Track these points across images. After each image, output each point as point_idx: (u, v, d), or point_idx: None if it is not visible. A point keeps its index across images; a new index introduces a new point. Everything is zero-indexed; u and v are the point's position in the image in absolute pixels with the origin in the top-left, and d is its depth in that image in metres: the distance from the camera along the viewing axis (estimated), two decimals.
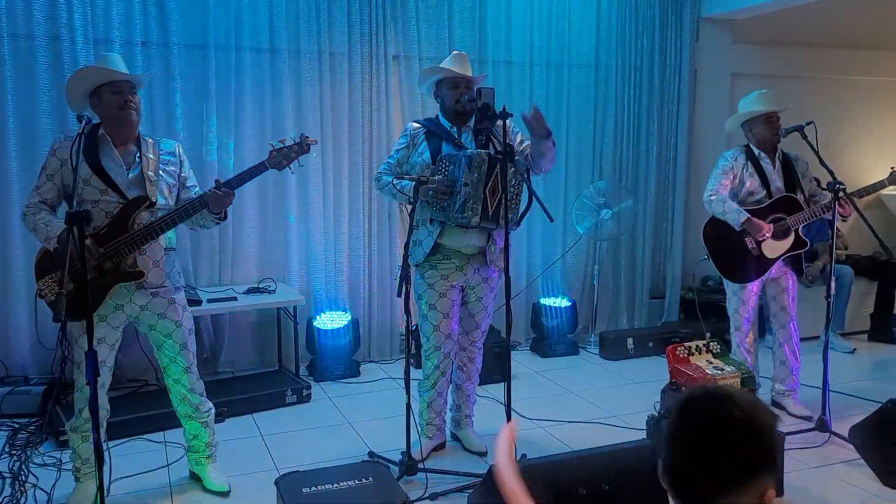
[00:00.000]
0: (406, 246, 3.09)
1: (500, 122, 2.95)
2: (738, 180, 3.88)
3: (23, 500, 3.04)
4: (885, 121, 6.69)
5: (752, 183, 3.87)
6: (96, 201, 2.76)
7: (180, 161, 3.02)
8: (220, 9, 4.45)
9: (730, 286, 3.99)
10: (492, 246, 3.28)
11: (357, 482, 2.64)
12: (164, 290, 2.93)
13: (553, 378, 4.73)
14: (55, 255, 2.70)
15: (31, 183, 2.96)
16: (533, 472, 2.52)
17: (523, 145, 3.36)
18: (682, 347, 3.22)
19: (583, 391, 4.46)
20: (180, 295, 3.01)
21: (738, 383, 3.06)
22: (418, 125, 3.40)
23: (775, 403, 3.99)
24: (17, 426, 3.75)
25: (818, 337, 5.39)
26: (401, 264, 3.05)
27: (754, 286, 3.92)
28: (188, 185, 3.02)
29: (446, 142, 3.30)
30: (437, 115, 3.42)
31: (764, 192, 3.86)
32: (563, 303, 5.26)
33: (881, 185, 3.71)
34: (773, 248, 3.82)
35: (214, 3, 4.43)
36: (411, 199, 3.10)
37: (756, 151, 3.91)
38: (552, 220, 3.14)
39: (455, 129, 3.33)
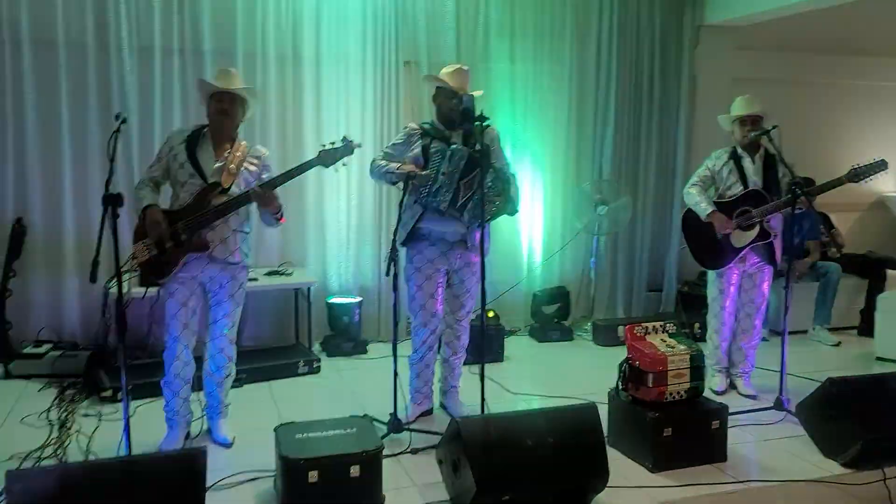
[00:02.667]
0: (395, 231, 3.54)
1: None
2: (717, 175, 4.26)
3: (68, 443, 3.58)
4: (884, 125, 6.89)
5: (731, 178, 4.23)
6: (184, 182, 3.34)
7: (263, 164, 3.52)
8: (247, 17, 4.96)
9: (710, 274, 4.36)
10: (471, 234, 3.70)
11: (342, 431, 3.09)
12: (230, 267, 3.43)
13: (544, 360, 5.14)
14: (145, 222, 3.29)
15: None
16: (489, 425, 2.94)
17: (494, 154, 3.73)
18: (640, 327, 3.57)
19: (569, 372, 4.86)
20: (243, 273, 3.52)
21: (688, 360, 3.42)
22: (416, 126, 3.83)
23: (730, 382, 4.41)
24: (65, 384, 4.32)
25: (806, 331, 5.71)
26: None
27: (734, 275, 4.26)
28: (265, 177, 3.48)
29: (439, 141, 3.73)
30: (433, 119, 3.85)
31: (741, 189, 4.21)
32: (559, 293, 5.63)
33: (839, 182, 4.00)
34: (740, 238, 4.17)
35: (242, 12, 4.94)
36: (394, 182, 3.54)
37: (739, 151, 4.26)
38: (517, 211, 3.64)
39: (448, 132, 3.75)
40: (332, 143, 3.45)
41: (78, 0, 4.63)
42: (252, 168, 3.47)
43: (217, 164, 3.38)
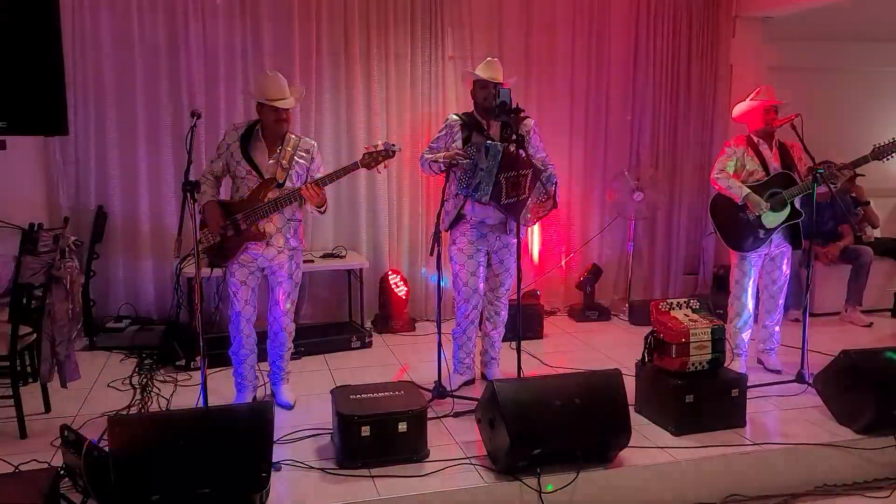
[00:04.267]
0: (438, 215, 3.88)
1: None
2: (740, 163, 4.46)
3: (150, 403, 4.04)
4: None
5: (752, 165, 4.43)
6: (243, 178, 3.74)
7: (311, 158, 3.87)
8: (304, 23, 5.36)
9: (734, 257, 4.57)
10: (510, 220, 4.00)
11: (391, 393, 3.46)
12: (286, 250, 3.82)
13: (581, 338, 5.44)
14: (206, 215, 3.71)
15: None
16: (521, 386, 3.27)
17: (539, 155, 4.05)
18: (664, 303, 3.84)
19: (604, 348, 5.15)
20: (298, 256, 3.91)
21: (709, 333, 3.67)
22: (456, 118, 4.15)
23: (758, 359, 4.65)
24: (144, 355, 4.80)
25: (839, 313, 5.87)
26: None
27: (755, 257, 4.47)
28: (317, 177, 3.83)
29: (477, 132, 4.05)
30: (473, 110, 4.18)
31: (763, 173, 4.41)
32: (598, 275, 5.90)
33: (864, 160, 4.15)
34: (772, 219, 4.36)
35: (299, 18, 5.34)
36: (442, 170, 3.86)
37: (755, 139, 4.46)
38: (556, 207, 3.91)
39: (485, 122, 4.07)
40: (375, 146, 3.75)
41: (151, 5, 5.09)
42: (302, 161, 3.81)
43: (270, 162, 3.75)
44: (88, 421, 3.71)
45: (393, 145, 3.75)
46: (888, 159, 4.17)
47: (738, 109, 4.53)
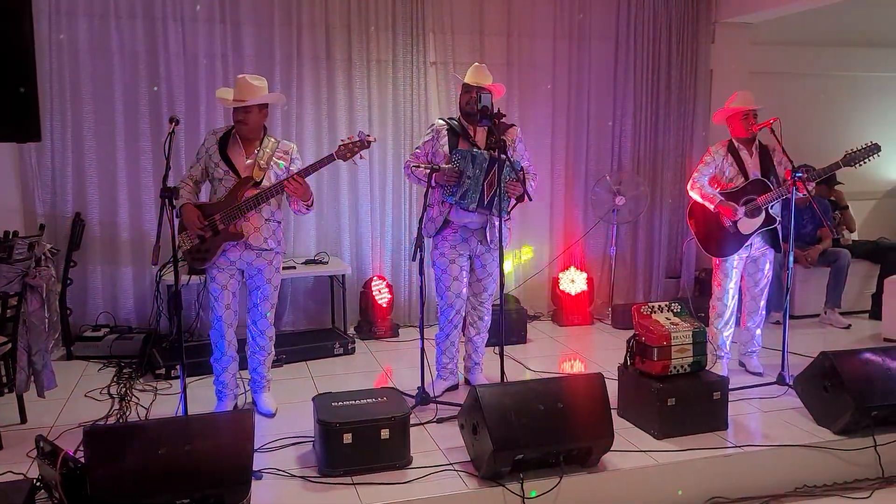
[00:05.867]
0: (420, 221, 3.87)
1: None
2: (718, 170, 4.50)
3: (128, 412, 3.99)
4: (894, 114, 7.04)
5: (731, 171, 4.47)
6: (221, 178, 3.72)
7: (291, 159, 3.86)
8: (285, 28, 5.33)
9: (715, 259, 4.61)
10: (491, 229, 4.00)
11: (374, 400, 3.45)
12: (265, 253, 3.80)
13: (564, 342, 5.44)
14: (183, 218, 3.68)
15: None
16: (504, 391, 3.26)
17: (523, 164, 4.05)
18: (646, 306, 3.85)
19: (587, 352, 5.16)
20: (277, 259, 3.88)
21: (690, 336, 3.69)
22: (443, 122, 4.14)
23: (740, 362, 4.68)
24: (123, 364, 4.74)
25: (819, 315, 5.93)
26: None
27: (736, 260, 4.50)
28: (293, 169, 3.82)
29: (463, 138, 4.05)
30: (458, 116, 4.17)
31: (742, 179, 4.45)
32: (581, 278, 5.92)
33: (836, 166, 4.23)
34: (747, 225, 4.41)
35: (280, 24, 5.31)
36: (430, 185, 3.86)
37: (736, 144, 4.50)
38: (531, 199, 3.92)
39: (471, 128, 4.06)
40: (349, 138, 3.75)
41: (129, 10, 5.05)
42: (281, 162, 3.81)
43: (248, 162, 3.73)
44: (65, 431, 3.66)
45: (368, 135, 3.75)
46: (860, 165, 4.22)
47: (719, 116, 4.57)
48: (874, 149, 4.14)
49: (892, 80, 7.00)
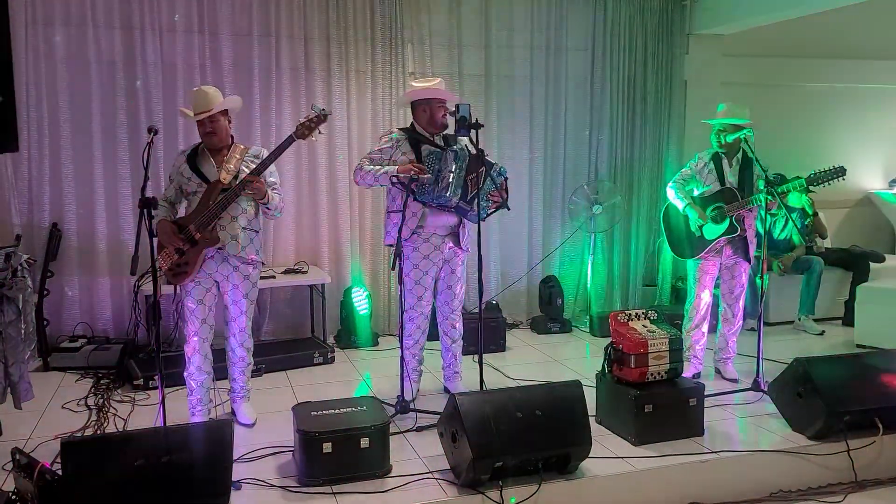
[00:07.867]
0: (399, 230, 3.89)
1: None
2: (699, 176, 4.58)
3: (106, 424, 3.96)
4: (868, 126, 7.21)
5: (709, 179, 4.56)
6: (195, 192, 3.73)
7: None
8: (263, 38, 5.35)
9: (689, 265, 4.68)
10: (462, 229, 4.08)
11: (353, 409, 3.46)
12: (242, 266, 3.78)
13: (542, 350, 5.48)
14: (159, 235, 3.66)
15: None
16: (483, 399, 3.29)
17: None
18: (623, 314, 3.90)
19: (566, 360, 5.20)
20: (255, 271, 3.87)
21: (667, 343, 3.74)
22: (402, 132, 4.16)
23: (715, 369, 4.75)
24: (100, 374, 4.70)
25: (793, 321, 6.02)
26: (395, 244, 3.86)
27: (710, 266, 4.58)
28: (268, 181, 3.83)
29: (428, 144, 4.08)
30: (412, 124, 4.17)
31: (718, 187, 4.53)
32: (559, 287, 5.97)
33: (801, 184, 4.32)
34: (710, 231, 4.50)
35: (258, 35, 5.33)
36: (393, 183, 3.88)
37: (721, 153, 4.58)
38: (509, 209, 3.99)
39: (432, 136, 4.11)
40: (307, 116, 3.72)
41: (107, 20, 5.04)
42: (252, 166, 3.77)
43: (217, 170, 3.74)
44: (42, 443, 3.63)
45: (323, 109, 3.72)
46: (823, 187, 4.33)
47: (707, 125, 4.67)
48: (839, 171, 4.23)
49: (860, 91, 7.16)
